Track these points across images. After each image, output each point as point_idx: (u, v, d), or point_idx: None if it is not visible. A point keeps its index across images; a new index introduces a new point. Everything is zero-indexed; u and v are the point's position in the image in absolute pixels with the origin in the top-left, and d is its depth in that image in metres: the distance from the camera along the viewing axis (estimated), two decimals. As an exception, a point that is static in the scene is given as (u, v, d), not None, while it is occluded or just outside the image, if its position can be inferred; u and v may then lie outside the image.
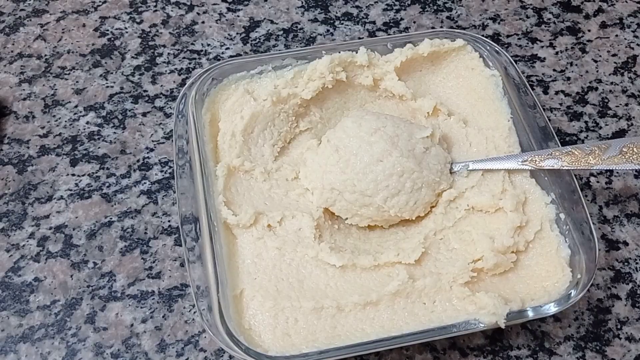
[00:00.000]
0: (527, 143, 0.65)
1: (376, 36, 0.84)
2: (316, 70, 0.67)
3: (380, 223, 0.63)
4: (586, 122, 0.77)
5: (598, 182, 0.72)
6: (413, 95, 0.69)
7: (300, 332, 0.55)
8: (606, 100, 0.79)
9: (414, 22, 0.86)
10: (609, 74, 0.81)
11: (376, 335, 0.54)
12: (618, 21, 0.87)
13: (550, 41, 0.85)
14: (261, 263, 0.59)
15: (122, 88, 0.78)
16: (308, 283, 0.58)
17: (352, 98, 0.72)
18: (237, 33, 0.84)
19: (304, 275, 0.58)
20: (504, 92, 0.68)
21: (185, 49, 0.82)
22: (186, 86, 0.66)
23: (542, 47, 0.84)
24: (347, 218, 0.63)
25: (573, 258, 0.58)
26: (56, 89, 0.78)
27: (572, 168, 0.59)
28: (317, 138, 0.67)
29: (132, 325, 0.62)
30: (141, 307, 0.63)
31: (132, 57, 0.81)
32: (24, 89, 0.78)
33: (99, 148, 0.73)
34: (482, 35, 0.83)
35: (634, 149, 0.53)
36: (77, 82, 0.79)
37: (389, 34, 0.84)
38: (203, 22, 0.85)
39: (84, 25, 0.85)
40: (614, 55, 0.83)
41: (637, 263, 0.66)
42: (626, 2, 0.89)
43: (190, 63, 0.81)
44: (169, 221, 0.68)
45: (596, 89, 0.80)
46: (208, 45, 0.83)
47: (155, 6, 0.87)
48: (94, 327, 0.61)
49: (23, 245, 0.66)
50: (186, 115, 0.64)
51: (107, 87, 0.78)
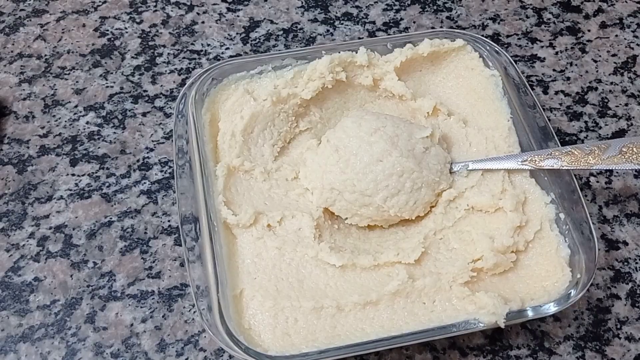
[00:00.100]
0: (527, 143, 0.65)
1: (376, 36, 0.84)
2: (316, 70, 0.67)
3: (380, 223, 0.63)
4: (586, 122, 0.77)
5: (598, 182, 0.72)
6: (413, 95, 0.69)
7: (300, 332, 0.55)
8: (606, 100, 0.79)
9: (414, 22, 0.86)
10: (609, 74, 0.81)
11: (376, 335, 0.54)
12: (618, 21, 0.87)
13: (550, 41, 0.85)
14: (261, 263, 0.59)
15: (122, 88, 0.78)
16: (308, 283, 0.58)
17: (352, 98, 0.72)
18: (237, 33, 0.84)
19: (304, 275, 0.58)
20: (504, 92, 0.68)
21: (185, 49, 0.82)
22: (186, 86, 0.66)
23: (542, 47, 0.84)
24: (347, 218, 0.63)
25: (573, 258, 0.58)
26: (56, 89, 0.78)
27: (572, 168, 0.59)
28: (317, 138, 0.67)
29: (132, 325, 0.62)
30: (141, 307, 0.63)
31: (132, 57, 0.81)
32: (24, 89, 0.78)
33: (99, 148, 0.73)
34: (482, 35, 0.83)
35: (634, 149, 0.53)
36: (77, 82, 0.79)
37: (389, 34, 0.85)
38: (203, 22, 0.85)
39: (84, 25, 0.85)
40: (614, 55, 0.83)
41: (637, 263, 0.66)
42: (626, 2, 0.89)
43: (190, 63, 0.81)
44: (169, 221, 0.68)
45: (596, 89, 0.80)
46: (208, 45, 0.83)
47: (155, 6, 0.87)
48: (94, 327, 0.61)
49: (23, 245, 0.66)
50: (186, 115, 0.64)
51: (107, 87, 0.79)
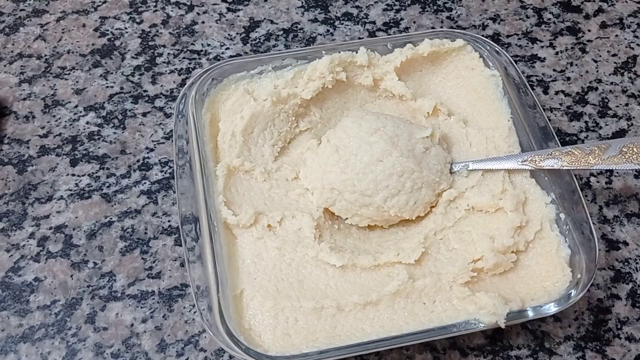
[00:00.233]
0: (527, 143, 0.65)
1: (376, 36, 0.84)
2: (316, 70, 0.67)
3: (380, 223, 0.63)
4: (586, 122, 0.77)
5: (598, 182, 0.72)
6: (413, 95, 0.69)
7: (300, 332, 0.55)
8: (606, 100, 0.79)
9: (414, 22, 0.86)
10: (609, 74, 0.81)
11: (376, 335, 0.54)
12: (618, 21, 0.87)
13: (550, 41, 0.85)
14: (261, 263, 0.59)
15: (122, 88, 0.78)
16: (308, 283, 0.58)
17: (352, 98, 0.72)
18: (237, 33, 0.84)
19: (304, 275, 0.58)
20: (504, 92, 0.68)
21: (185, 49, 0.82)
22: (186, 86, 0.66)
23: (542, 47, 0.84)
24: (347, 218, 0.63)
25: (573, 258, 0.58)
26: (56, 89, 0.78)
27: (572, 168, 0.59)
28: (317, 138, 0.67)
29: (132, 325, 0.62)
30: (141, 307, 0.63)
31: (132, 57, 0.81)
32: (24, 89, 0.78)
33: (99, 148, 0.73)
34: (482, 35, 0.83)
35: (634, 149, 0.53)
36: (77, 82, 0.79)
37: (389, 34, 0.84)
38: (203, 22, 0.85)
39: (84, 25, 0.85)
40: (614, 55, 0.83)
41: (637, 263, 0.66)
42: (626, 2, 0.89)
43: (190, 63, 0.81)
44: (169, 221, 0.68)
45: (596, 89, 0.80)
46: (208, 45, 0.83)
47: (155, 6, 0.87)
48: (94, 327, 0.61)
49: (23, 245, 0.66)
50: (186, 115, 0.64)
51: (107, 87, 0.78)
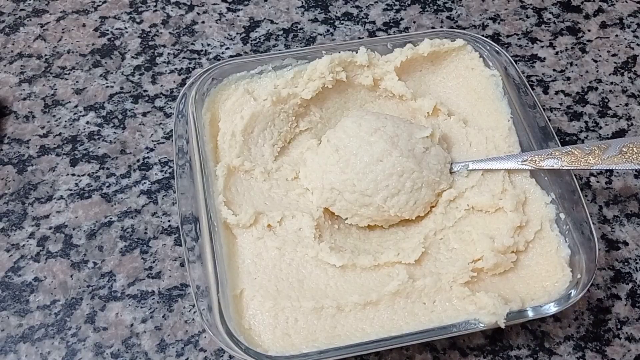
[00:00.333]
0: (527, 143, 0.65)
1: (376, 36, 0.84)
2: (316, 70, 0.67)
3: (380, 223, 0.63)
4: (586, 122, 0.77)
5: (598, 182, 0.72)
6: (413, 95, 0.69)
7: (300, 332, 0.55)
8: (606, 100, 0.79)
9: (414, 22, 0.86)
10: (609, 74, 0.81)
11: (376, 335, 0.54)
12: (618, 21, 0.87)
13: (550, 41, 0.85)
14: (261, 263, 0.59)
15: (122, 88, 0.78)
16: (308, 283, 0.58)
17: (352, 98, 0.72)
18: (237, 33, 0.84)
19: (304, 275, 0.58)
20: (504, 92, 0.68)
21: (185, 49, 0.82)
22: (186, 86, 0.66)
23: (542, 47, 0.84)
24: (347, 218, 0.63)
25: (573, 258, 0.58)
26: (56, 89, 0.78)
27: (572, 168, 0.59)
28: (317, 138, 0.67)
29: (132, 325, 0.62)
30: (141, 307, 0.63)
31: (132, 57, 0.81)
32: (24, 89, 0.78)
33: (99, 148, 0.73)
34: (482, 35, 0.83)
35: (634, 149, 0.53)
36: (77, 82, 0.79)
37: (389, 34, 0.84)
38: (203, 22, 0.85)
39: (84, 25, 0.85)
40: (614, 55, 0.83)
41: (637, 263, 0.66)
42: (626, 2, 0.89)
43: (190, 63, 0.81)
44: (169, 221, 0.68)
45: (596, 89, 0.80)
46: (208, 45, 0.83)
47: (155, 6, 0.87)
48: (94, 327, 0.61)
49: (23, 245, 0.66)
50: (186, 115, 0.64)
51: (107, 87, 0.78)
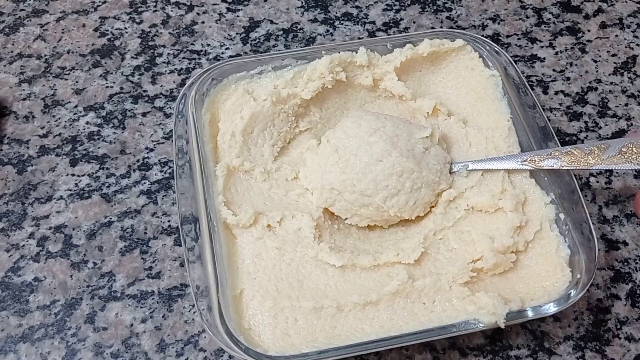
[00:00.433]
0: (527, 143, 0.65)
1: (376, 36, 0.84)
2: (316, 70, 0.67)
3: (380, 223, 0.63)
4: (586, 122, 0.77)
5: (598, 182, 0.72)
6: (413, 95, 0.69)
7: (300, 332, 0.55)
8: (606, 100, 0.79)
9: (414, 22, 0.86)
10: (609, 74, 0.81)
11: (376, 335, 0.54)
12: (618, 21, 0.87)
13: (550, 41, 0.85)
14: (261, 263, 0.59)
15: (122, 88, 0.78)
16: (308, 283, 0.58)
17: (352, 98, 0.72)
18: (237, 33, 0.84)
19: (304, 275, 0.58)
20: (504, 92, 0.68)
21: (185, 49, 0.82)
22: (186, 86, 0.66)
23: (542, 47, 0.84)
24: (347, 218, 0.63)
25: (573, 258, 0.58)
26: (56, 89, 0.78)
27: (572, 168, 0.59)
28: (317, 138, 0.67)
29: (132, 325, 0.62)
30: (141, 307, 0.63)
31: (132, 57, 0.81)
32: (24, 89, 0.78)
33: (99, 148, 0.73)
34: (482, 35, 0.83)
35: (634, 149, 0.53)
36: (77, 82, 0.79)
37: (389, 34, 0.84)
38: (203, 22, 0.85)
39: (84, 25, 0.85)
40: (614, 55, 0.83)
41: (637, 263, 0.66)
42: (626, 2, 0.89)
43: (190, 63, 0.81)
44: (169, 221, 0.68)
45: (596, 89, 0.80)
46: (208, 45, 0.83)
47: (155, 6, 0.87)
48: (94, 327, 0.61)
49: (23, 245, 0.66)
50: (186, 115, 0.64)
51: (107, 87, 0.79)
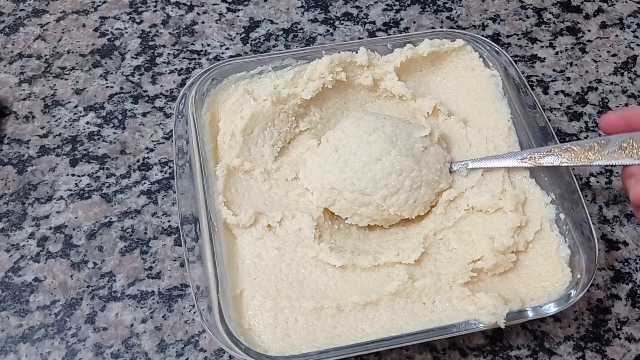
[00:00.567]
0: (527, 143, 0.65)
1: (376, 36, 0.84)
2: (316, 70, 0.67)
3: (380, 223, 0.63)
4: (586, 122, 0.77)
5: (598, 182, 0.72)
6: (413, 95, 0.69)
7: (300, 332, 0.55)
8: (606, 100, 0.79)
9: (414, 22, 0.86)
10: (609, 74, 0.81)
11: (376, 335, 0.54)
12: (618, 21, 0.87)
13: (550, 41, 0.85)
14: (261, 263, 0.59)
15: (122, 88, 0.78)
16: (308, 283, 0.58)
17: (352, 98, 0.72)
18: (237, 33, 0.84)
19: (304, 275, 0.58)
20: (504, 92, 0.68)
21: (185, 49, 0.82)
22: (186, 86, 0.66)
23: (542, 47, 0.84)
24: (347, 218, 0.63)
25: (573, 258, 0.58)
26: (56, 89, 0.78)
27: (572, 164, 0.58)
28: (317, 138, 0.67)
29: (132, 325, 0.62)
30: (141, 307, 0.63)
31: (132, 57, 0.81)
32: (24, 89, 0.78)
33: (99, 148, 0.73)
34: (482, 35, 0.83)
35: (634, 144, 0.52)
36: (77, 82, 0.79)
37: (389, 34, 0.84)
38: (203, 22, 0.85)
39: (84, 25, 0.85)
40: (614, 55, 0.83)
41: (637, 263, 0.66)
42: (626, 2, 0.89)
43: (190, 63, 0.81)
44: (169, 221, 0.68)
45: (596, 89, 0.80)
46: (208, 45, 0.83)
47: (155, 6, 0.87)
48: (94, 327, 0.61)
49: (23, 245, 0.66)
50: (186, 115, 0.64)
51: (107, 87, 0.79)
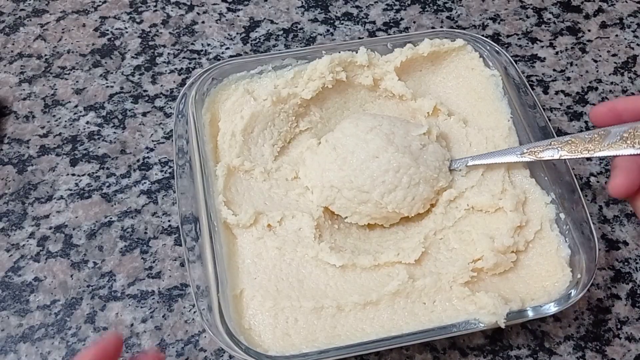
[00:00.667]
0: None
1: (376, 36, 0.84)
2: (316, 70, 0.67)
3: (379, 221, 0.63)
4: (586, 122, 0.77)
5: (598, 182, 0.72)
6: (413, 95, 0.69)
7: (300, 332, 0.55)
8: (606, 100, 0.79)
9: (414, 22, 0.86)
10: (609, 74, 0.81)
11: (376, 335, 0.54)
12: (618, 21, 0.87)
13: (550, 41, 0.85)
14: (261, 263, 0.59)
15: (122, 88, 0.78)
16: (308, 283, 0.58)
17: (352, 98, 0.72)
18: (237, 33, 0.84)
19: (304, 275, 0.58)
20: (504, 92, 0.68)
21: (185, 49, 0.82)
22: (186, 86, 0.66)
23: (542, 47, 0.84)
24: (347, 217, 0.63)
25: (573, 258, 0.58)
26: (56, 89, 0.78)
27: (572, 157, 0.57)
28: (317, 138, 0.67)
29: (132, 325, 0.62)
30: (141, 307, 0.63)
31: (132, 57, 0.81)
32: (24, 89, 0.78)
33: (99, 148, 0.73)
34: (482, 35, 0.83)
35: (635, 134, 0.51)
36: (77, 82, 0.79)
37: (389, 34, 0.84)
38: (203, 22, 0.85)
39: (84, 25, 0.85)
40: (614, 55, 0.83)
41: (637, 263, 0.66)
42: (626, 2, 0.89)
43: (190, 63, 0.81)
44: (169, 221, 0.68)
45: (596, 89, 0.80)
46: (208, 45, 0.83)
47: (155, 6, 0.87)
48: (94, 327, 0.61)
49: (23, 245, 0.66)
50: (186, 115, 0.64)
51: (107, 87, 0.79)
